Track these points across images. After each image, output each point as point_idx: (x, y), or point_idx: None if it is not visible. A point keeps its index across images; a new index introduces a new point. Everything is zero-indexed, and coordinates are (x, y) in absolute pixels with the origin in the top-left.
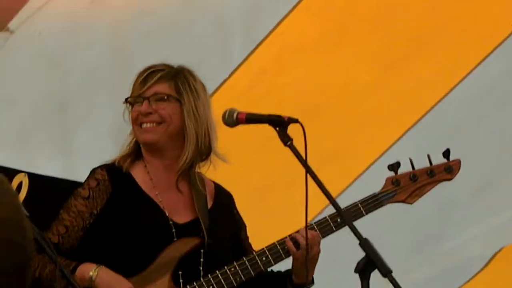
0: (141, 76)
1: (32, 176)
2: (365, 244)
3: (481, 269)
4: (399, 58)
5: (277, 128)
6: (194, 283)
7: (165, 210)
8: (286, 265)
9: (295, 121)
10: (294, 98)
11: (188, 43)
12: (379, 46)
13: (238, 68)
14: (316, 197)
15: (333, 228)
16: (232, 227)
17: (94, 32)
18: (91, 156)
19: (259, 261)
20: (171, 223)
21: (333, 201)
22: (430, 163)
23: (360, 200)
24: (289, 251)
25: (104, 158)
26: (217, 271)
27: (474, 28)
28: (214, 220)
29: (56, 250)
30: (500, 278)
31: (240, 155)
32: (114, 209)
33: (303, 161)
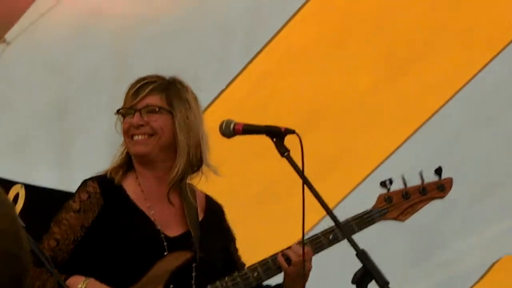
0: (133, 88)
1: (29, 188)
2: (362, 255)
3: (479, 280)
4: (401, 63)
5: (274, 139)
6: None
7: (157, 223)
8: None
9: (292, 132)
10: (294, 106)
11: (188, 53)
12: (380, 52)
13: (237, 77)
14: (314, 207)
15: (326, 245)
16: (223, 240)
17: (93, 42)
18: (89, 168)
19: (251, 276)
20: (163, 236)
21: (330, 212)
22: (422, 181)
23: (352, 217)
24: (281, 267)
25: (102, 170)
26: (209, 286)
27: (477, 32)
28: (205, 233)
29: None
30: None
31: (239, 165)
32: (106, 222)
33: (300, 172)
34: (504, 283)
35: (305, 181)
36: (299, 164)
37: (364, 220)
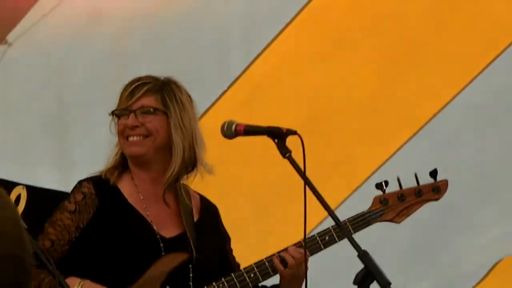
0: (128, 89)
1: (31, 189)
2: (364, 256)
3: (480, 281)
4: (400, 67)
5: (276, 140)
6: None
7: (153, 224)
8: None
9: (294, 133)
10: (293, 110)
11: (187, 56)
12: (378, 58)
13: (238, 79)
14: (316, 209)
15: (321, 247)
16: (218, 240)
17: (93, 45)
18: (90, 169)
19: (247, 278)
20: (159, 237)
21: (332, 213)
22: (418, 183)
23: (348, 219)
24: (272, 272)
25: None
26: (205, 287)
27: (478, 34)
28: (201, 234)
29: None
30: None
31: (240, 166)
32: (101, 223)
33: (302, 173)
34: (505, 285)
35: (307, 182)
36: (301, 165)
37: (360, 222)
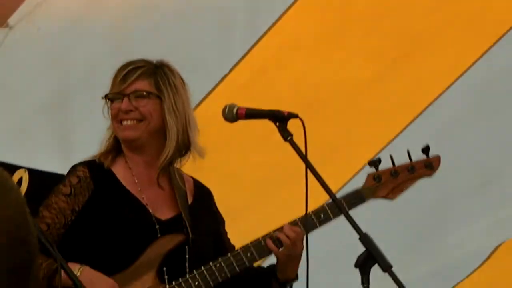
0: (121, 73)
1: (32, 172)
2: (365, 239)
3: (481, 264)
4: (399, 53)
5: (277, 123)
6: (180, 279)
7: (148, 207)
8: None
9: (295, 116)
10: (295, 93)
11: (189, 38)
12: (380, 41)
13: (240, 62)
14: (317, 192)
15: (317, 224)
16: (213, 222)
17: (94, 28)
18: (91, 152)
19: (244, 257)
20: (154, 219)
21: (333, 196)
22: (410, 159)
23: (343, 196)
24: (269, 252)
25: None
26: (203, 267)
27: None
28: (195, 216)
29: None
30: (501, 273)
31: (242, 150)
32: (97, 206)
33: (303, 156)
34: (507, 267)
35: (308, 165)
36: (302, 149)
37: (354, 199)
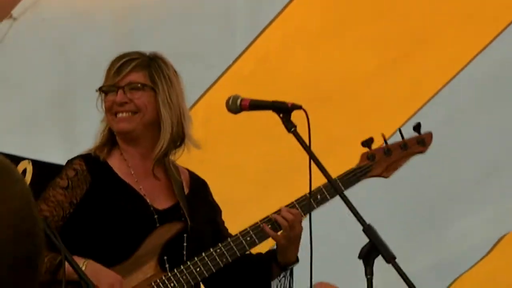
0: (115, 65)
1: (37, 163)
2: (369, 230)
3: (484, 257)
4: (403, 45)
5: (281, 115)
6: (181, 266)
7: (146, 197)
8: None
9: (299, 108)
10: (298, 85)
11: (192, 30)
12: (384, 33)
13: (243, 54)
14: (320, 183)
15: (314, 206)
16: (210, 212)
17: (99, 20)
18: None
19: (244, 241)
20: (153, 210)
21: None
22: (402, 137)
23: (338, 176)
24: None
25: None
26: (203, 253)
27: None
28: (193, 205)
29: None
30: (503, 266)
31: (245, 142)
32: (95, 198)
33: (307, 148)
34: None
35: (312, 157)
36: (306, 140)
37: (350, 179)
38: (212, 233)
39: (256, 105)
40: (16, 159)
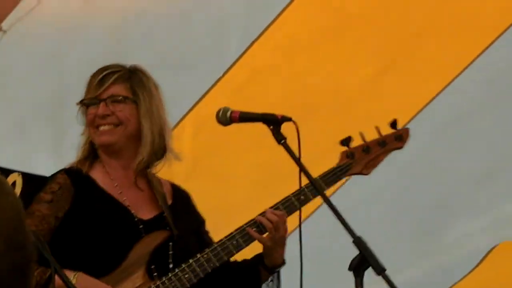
0: (96, 77)
1: (26, 176)
2: (359, 242)
3: (478, 264)
4: (401, 49)
5: (271, 127)
6: (169, 274)
7: (130, 208)
8: None
9: (289, 120)
10: (289, 96)
11: (183, 42)
12: (379, 42)
13: (234, 65)
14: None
15: (297, 206)
16: (193, 222)
17: (89, 32)
18: None
19: (231, 245)
20: (137, 220)
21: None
22: (380, 134)
23: (319, 175)
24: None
25: None
26: (190, 260)
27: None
28: (177, 215)
29: None
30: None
31: (236, 152)
32: (80, 211)
33: (297, 160)
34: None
35: (302, 169)
36: (296, 152)
37: (330, 178)
38: (197, 243)
39: (246, 117)
40: (6, 172)
